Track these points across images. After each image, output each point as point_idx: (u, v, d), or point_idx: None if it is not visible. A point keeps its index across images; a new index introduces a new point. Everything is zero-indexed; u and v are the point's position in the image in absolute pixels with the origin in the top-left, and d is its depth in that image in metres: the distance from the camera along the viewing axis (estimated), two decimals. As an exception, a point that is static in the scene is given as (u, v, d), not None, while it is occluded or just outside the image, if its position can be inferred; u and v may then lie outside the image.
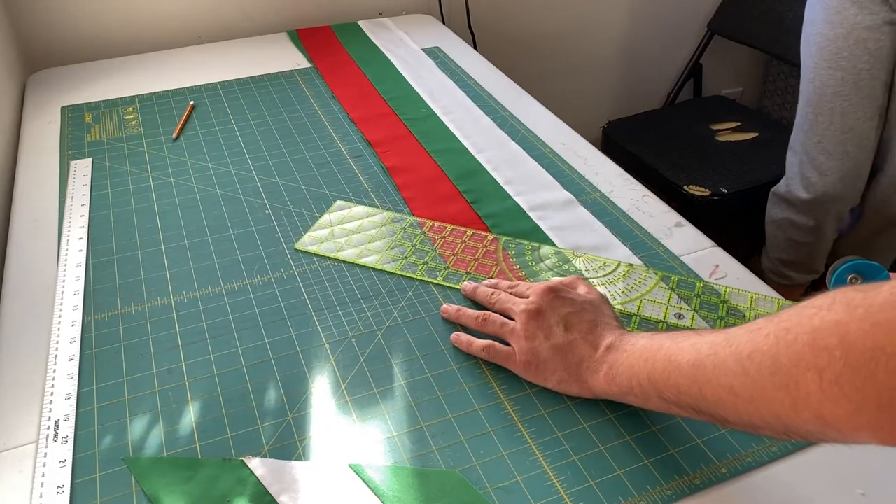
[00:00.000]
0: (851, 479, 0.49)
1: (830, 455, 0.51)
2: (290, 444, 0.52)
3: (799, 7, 1.29)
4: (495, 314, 0.60)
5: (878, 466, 0.50)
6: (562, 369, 0.54)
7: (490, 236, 0.74)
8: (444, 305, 0.64)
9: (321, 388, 0.57)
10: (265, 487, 0.49)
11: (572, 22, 1.67)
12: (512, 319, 0.58)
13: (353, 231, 0.75)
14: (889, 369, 0.30)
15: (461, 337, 0.60)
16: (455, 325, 0.63)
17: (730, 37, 1.75)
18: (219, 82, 1.08)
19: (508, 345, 0.57)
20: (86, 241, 0.74)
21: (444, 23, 1.39)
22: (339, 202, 0.80)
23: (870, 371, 0.31)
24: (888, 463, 0.50)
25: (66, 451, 0.51)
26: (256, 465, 0.50)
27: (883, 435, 0.32)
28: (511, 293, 0.62)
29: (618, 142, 1.61)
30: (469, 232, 0.74)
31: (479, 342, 0.59)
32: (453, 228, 0.75)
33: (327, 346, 0.61)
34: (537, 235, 0.74)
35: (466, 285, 0.66)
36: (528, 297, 0.58)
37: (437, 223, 0.76)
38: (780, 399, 0.36)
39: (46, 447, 0.52)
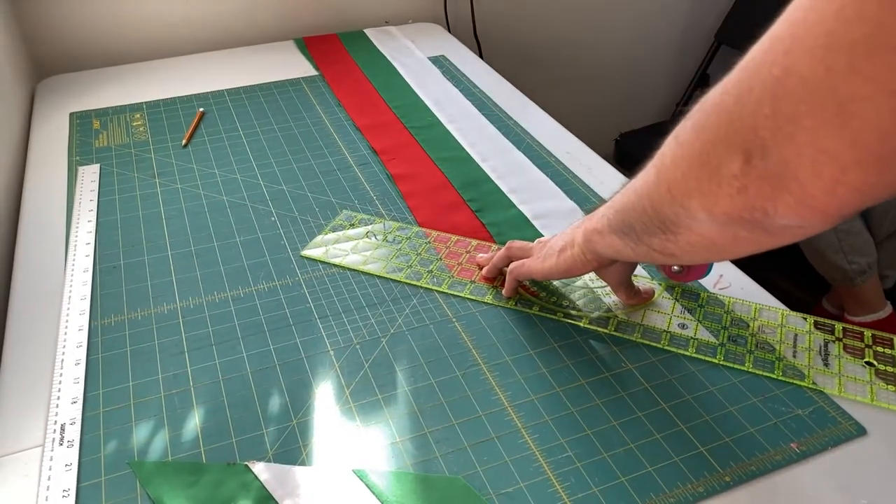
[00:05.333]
0: (857, 488, 0.49)
1: (835, 465, 0.51)
2: (294, 449, 0.52)
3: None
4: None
5: (884, 477, 0.50)
6: (558, 238, 0.62)
7: (494, 246, 0.74)
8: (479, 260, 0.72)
9: (325, 394, 0.57)
10: (269, 492, 0.49)
11: (578, 31, 1.67)
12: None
13: (358, 239, 0.75)
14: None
15: (482, 261, 0.70)
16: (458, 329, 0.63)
17: (737, 46, 1.75)
18: (226, 90, 1.09)
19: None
20: (93, 246, 0.74)
21: (449, 31, 1.40)
22: (345, 212, 0.80)
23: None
24: (894, 474, 0.50)
25: (72, 455, 0.52)
26: (260, 469, 0.51)
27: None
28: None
29: (632, 153, 1.61)
30: (474, 242, 0.75)
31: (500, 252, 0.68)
32: (458, 239, 0.75)
33: (332, 352, 0.61)
34: (542, 244, 0.75)
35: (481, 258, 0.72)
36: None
37: (441, 233, 0.76)
38: (653, 188, 0.45)
39: (52, 451, 0.52)
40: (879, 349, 0.61)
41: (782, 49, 0.32)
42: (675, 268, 0.62)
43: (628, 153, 1.61)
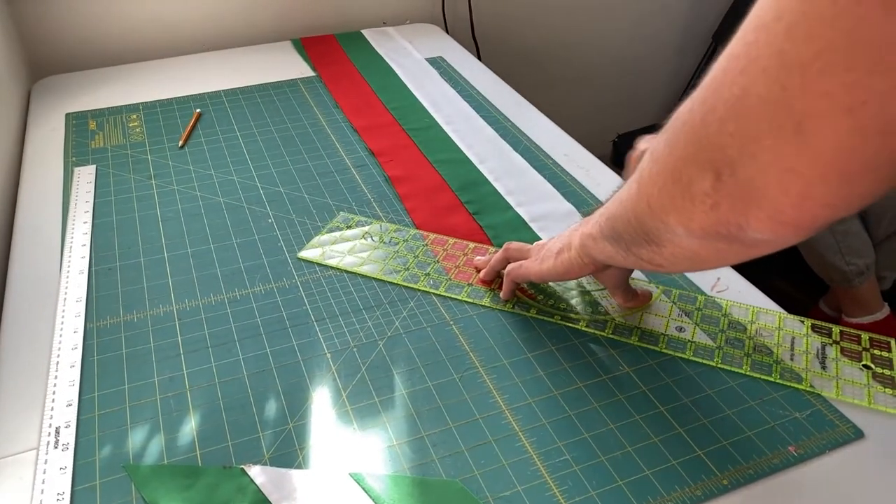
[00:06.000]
0: (854, 492, 0.49)
1: (833, 468, 0.51)
2: (290, 453, 0.52)
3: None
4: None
5: (882, 481, 0.50)
6: (556, 240, 0.62)
7: (492, 249, 0.74)
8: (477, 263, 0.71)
9: (322, 397, 0.57)
10: (265, 496, 0.49)
11: (576, 32, 1.67)
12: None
13: (355, 241, 0.75)
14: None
15: (479, 263, 0.70)
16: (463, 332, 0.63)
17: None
18: (223, 90, 1.09)
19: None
20: (89, 248, 0.74)
21: (447, 32, 1.40)
22: (342, 214, 0.80)
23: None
24: (891, 477, 0.50)
25: (67, 458, 0.51)
26: (257, 473, 0.50)
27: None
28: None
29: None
30: (471, 245, 0.75)
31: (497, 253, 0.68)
32: (455, 241, 0.75)
33: (329, 355, 0.61)
34: (539, 246, 0.74)
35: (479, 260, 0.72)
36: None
37: (439, 236, 0.76)
38: (636, 201, 0.45)
39: (47, 454, 0.52)
40: (877, 352, 0.61)
41: (739, 68, 0.32)
42: None
43: (626, 155, 1.60)
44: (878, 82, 0.27)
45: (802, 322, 0.64)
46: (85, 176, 0.87)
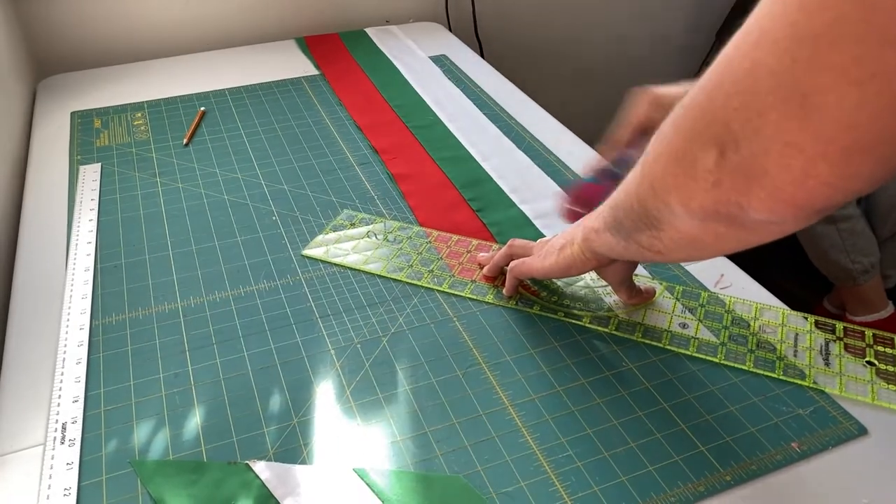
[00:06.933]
0: (857, 488, 0.49)
1: (836, 464, 0.51)
2: (295, 448, 0.52)
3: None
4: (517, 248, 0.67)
5: (885, 477, 0.50)
6: (559, 237, 0.61)
7: (495, 246, 0.74)
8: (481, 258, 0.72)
9: (326, 393, 0.57)
10: (270, 491, 0.49)
11: (579, 30, 1.67)
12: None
13: (359, 239, 0.75)
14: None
15: (483, 260, 0.70)
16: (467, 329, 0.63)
17: (737, 46, 1.75)
18: (227, 89, 1.09)
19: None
20: (94, 245, 0.74)
21: (450, 30, 1.40)
22: (346, 211, 0.80)
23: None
24: (894, 473, 0.50)
25: (73, 454, 0.52)
26: (261, 468, 0.51)
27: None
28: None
29: None
30: (474, 242, 0.75)
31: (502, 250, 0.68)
32: (459, 238, 0.75)
33: (333, 351, 0.61)
34: (542, 243, 0.75)
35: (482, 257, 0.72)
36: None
37: (442, 233, 0.76)
38: (639, 184, 0.45)
39: (54, 449, 0.52)
40: (880, 348, 0.61)
41: (752, 42, 0.32)
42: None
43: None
44: (890, 55, 0.27)
45: (806, 318, 0.64)
46: (90, 174, 0.87)
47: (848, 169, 0.31)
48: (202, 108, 1.02)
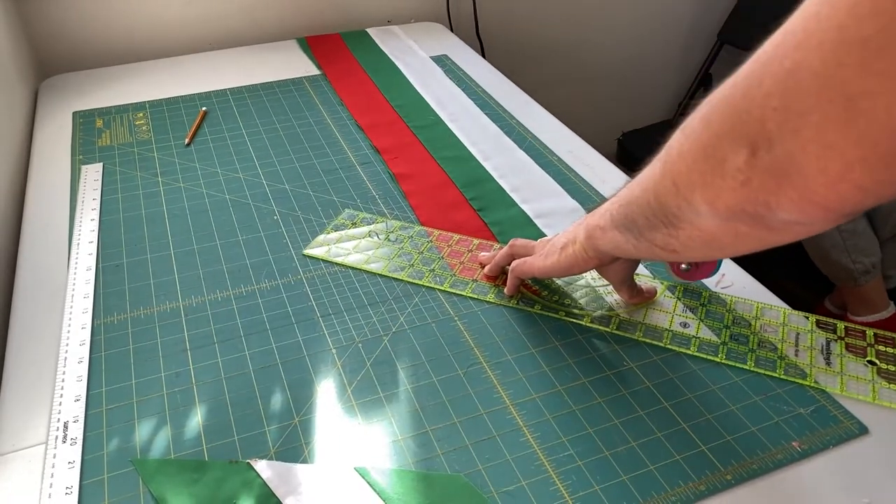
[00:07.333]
0: (858, 487, 0.49)
1: (837, 463, 0.51)
2: (296, 447, 0.52)
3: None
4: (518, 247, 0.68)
5: (886, 476, 0.50)
6: (561, 236, 0.62)
7: (497, 246, 0.74)
8: (481, 257, 0.72)
9: (327, 392, 0.57)
10: (271, 490, 0.49)
11: (581, 31, 1.67)
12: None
13: (360, 238, 0.75)
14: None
15: (484, 259, 0.71)
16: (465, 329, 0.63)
17: (740, 46, 1.75)
18: (228, 89, 1.09)
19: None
20: (96, 245, 0.74)
21: (452, 31, 1.40)
22: (347, 210, 0.80)
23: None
24: (894, 473, 0.50)
25: (75, 453, 0.52)
26: (263, 467, 0.51)
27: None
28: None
29: (634, 152, 1.60)
30: (476, 241, 0.75)
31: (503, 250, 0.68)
32: (460, 238, 0.75)
33: (334, 350, 0.61)
34: (544, 242, 0.75)
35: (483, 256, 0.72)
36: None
37: (443, 232, 0.76)
38: (658, 181, 0.45)
39: (55, 448, 0.52)
40: (881, 348, 0.61)
41: (794, 43, 0.32)
42: (684, 266, 0.62)
43: (631, 152, 1.61)
44: None
45: (807, 318, 0.64)
46: (92, 174, 0.87)
47: (885, 174, 0.31)
48: (204, 108, 1.02)
